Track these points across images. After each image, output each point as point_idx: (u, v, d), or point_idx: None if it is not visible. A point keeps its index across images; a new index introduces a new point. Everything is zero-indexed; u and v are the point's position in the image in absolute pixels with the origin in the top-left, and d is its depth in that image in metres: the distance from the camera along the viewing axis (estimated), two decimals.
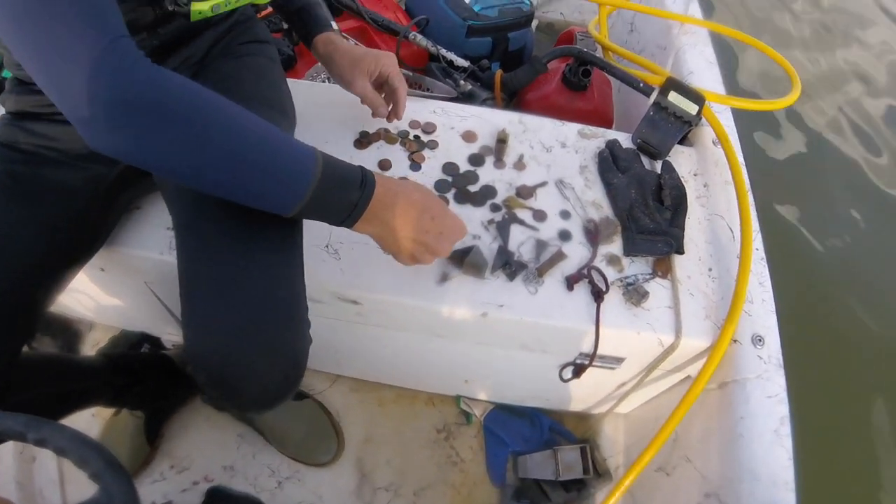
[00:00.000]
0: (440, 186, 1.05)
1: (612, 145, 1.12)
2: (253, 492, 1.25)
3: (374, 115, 1.03)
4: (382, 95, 1.03)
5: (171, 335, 1.36)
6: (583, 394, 1.26)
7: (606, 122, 1.40)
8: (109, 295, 1.20)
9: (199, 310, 0.73)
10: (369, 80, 0.98)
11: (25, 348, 0.83)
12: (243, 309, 0.71)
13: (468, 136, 1.12)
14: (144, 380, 1.23)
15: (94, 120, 0.56)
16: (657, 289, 0.98)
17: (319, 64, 1.27)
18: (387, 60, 0.99)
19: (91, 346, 1.45)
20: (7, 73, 1.01)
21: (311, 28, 1.01)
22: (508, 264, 0.96)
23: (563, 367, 1.06)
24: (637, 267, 1.00)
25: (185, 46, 0.89)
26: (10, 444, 0.80)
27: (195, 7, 0.72)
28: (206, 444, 1.32)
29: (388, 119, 1.04)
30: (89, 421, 1.33)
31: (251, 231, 0.75)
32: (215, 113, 0.61)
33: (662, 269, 1.00)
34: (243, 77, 0.93)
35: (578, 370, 1.03)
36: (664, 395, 1.15)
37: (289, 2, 1.02)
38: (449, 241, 0.80)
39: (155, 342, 1.39)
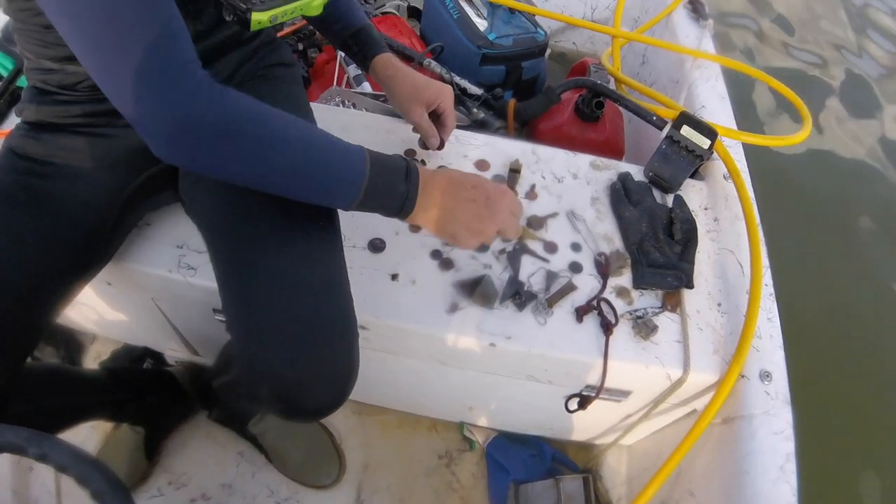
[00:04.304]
0: None
1: (623, 178, 1.12)
2: None
3: (425, 145, 1.08)
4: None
5: (175, 351, 1.36)
6: (587, 425, 1.25)
7: (617, 154, 1.40)
8: (115, 309, 1.19)
9: (257, 321, 0.73)
10: (426, 111, 1.00)
11: (28, 359, 0.83)
12: (305, 321, 0.72)
13: (481, 165, 1.13)
14: (147, 396, 1.22)
15: (159, 135, 0.62)
16: (666, 323, 0.98)
17: (334, 87, 1.28)
18: (445, 97, 1.01)
19: (93, 359, 1.44)
20: (23, 83, 1.01)
21: (368, 49, 1.01)
22: (518, 294, 0.96)
23: (569, 398, 1.05)
24: (646, 300, 1.00)
25: (212, 64, 0.89)
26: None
27: (255, 17, 0.74)
28: (206, 462, 1.31)
29: (435, 149, 1.07)
30: (87, 434, 1.32)
31: (302, 243, 0.77)
32: (272, 127, 0.67)
33: (672, 302, 1.00)
34: (279, 102, 0.94)
35: (584, 402, 1.02)
36: (669, 428, 1.14)
37: (346, 26, 1.01)
38: (502, 205, 0.80)
39: (157, 357, 1.38)
